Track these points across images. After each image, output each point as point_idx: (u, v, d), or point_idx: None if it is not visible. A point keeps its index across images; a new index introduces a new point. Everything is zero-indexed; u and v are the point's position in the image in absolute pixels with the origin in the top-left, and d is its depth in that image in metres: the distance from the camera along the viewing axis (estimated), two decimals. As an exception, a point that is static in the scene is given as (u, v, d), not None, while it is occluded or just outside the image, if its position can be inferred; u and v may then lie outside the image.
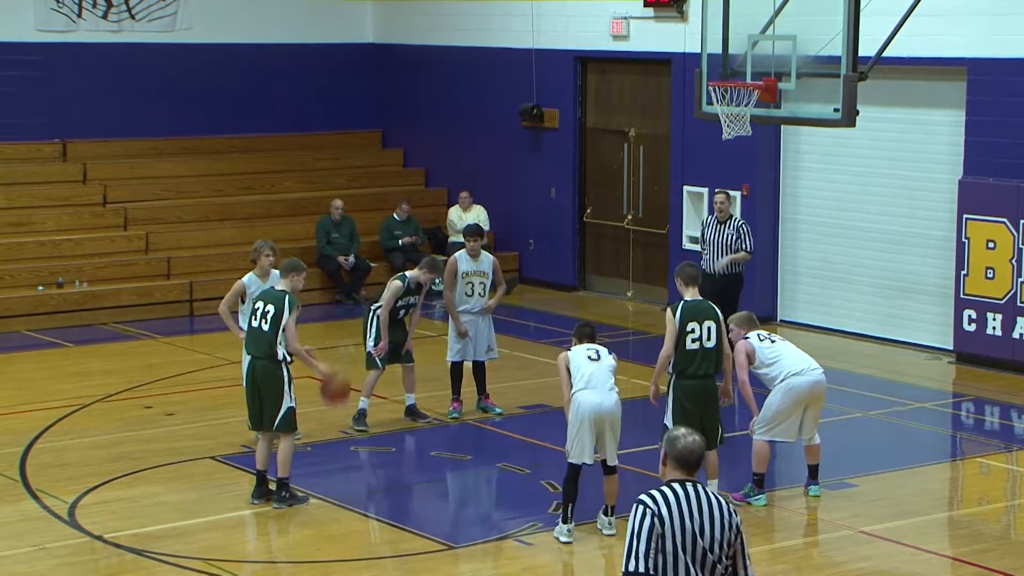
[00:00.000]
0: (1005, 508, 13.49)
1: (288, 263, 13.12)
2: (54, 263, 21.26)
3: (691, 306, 12.52)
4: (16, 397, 16.75)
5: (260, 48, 24.61)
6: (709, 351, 12.42)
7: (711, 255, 17.37)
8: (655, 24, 21.34)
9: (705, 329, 12.41)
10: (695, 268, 12.97)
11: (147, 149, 23.74)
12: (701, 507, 7.02)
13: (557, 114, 22.93)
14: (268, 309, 12.77)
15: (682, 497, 7.01)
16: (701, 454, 7.11)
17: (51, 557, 11.72)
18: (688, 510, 6.99)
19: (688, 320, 12.41)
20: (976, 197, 17.83)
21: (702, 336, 12.41)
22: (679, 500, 7.00)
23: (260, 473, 12.95)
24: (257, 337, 12.80)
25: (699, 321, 12.41)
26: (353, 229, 22.56)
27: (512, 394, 16.39)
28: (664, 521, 6.95)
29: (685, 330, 12.39)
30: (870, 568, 11.56)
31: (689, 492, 7.04)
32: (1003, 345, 17.70)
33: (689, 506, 7.00)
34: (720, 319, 12.55)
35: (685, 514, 6.98)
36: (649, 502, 6.99)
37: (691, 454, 7.09)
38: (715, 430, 12.49)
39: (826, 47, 14.48)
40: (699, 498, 7.04)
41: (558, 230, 23.11)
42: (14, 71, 22.70)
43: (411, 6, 25.05)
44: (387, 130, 25.82)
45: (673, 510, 6.97)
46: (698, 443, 7.11)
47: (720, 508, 7.06)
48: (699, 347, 12.40)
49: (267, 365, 12.76)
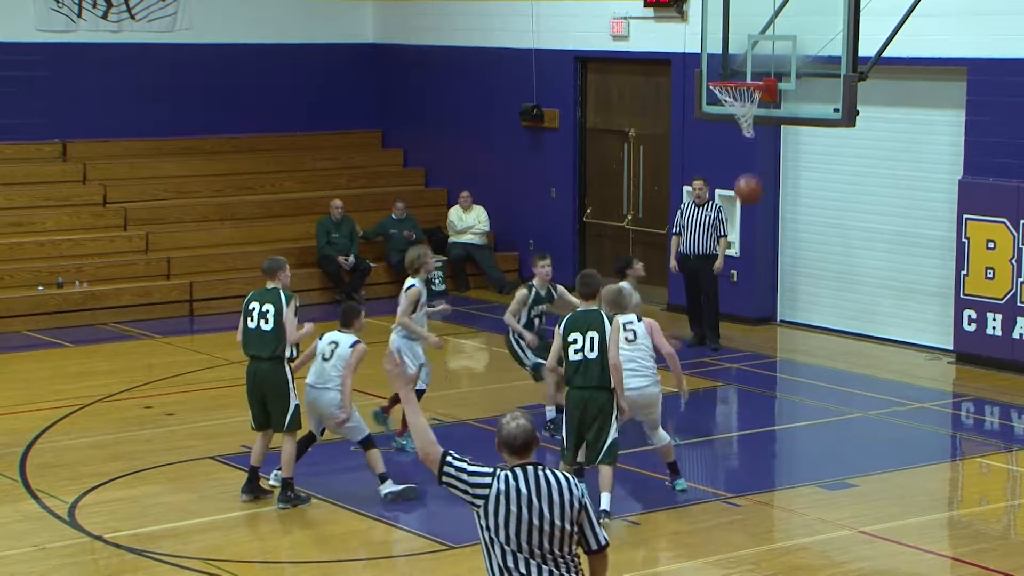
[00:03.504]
0: (1005, 508, 13.49)
1: (271, 263, 13.04)
2: (54, 263, 21.25)
3: (577, 316, 12.34)
4: (16, 397, 16.74)
5: (260, 48, 24.61)
6: (592, 362, 12.15)
7: (689, 238, 18.97)
8: (655, 24, 21.34)
9: (588, 340, 12.18)
10: (591, 278, 12.63)
11: (147, 149, 23.73)
12: (540, 490, 7.23)
13: (557, 114, 22.93)
14: (267, 308, 12.75)
15: (521, 481, 7.24)
16: (527, 438, 7.32)
17: (51, 557, 11.73)
18: (528, 493, 7.22)
19: (570, 331, 12.24)
20: (976, 197, 17.83)
21: (584, 347, 12.19)
22: (524, 482, 7.23)
23: (253, 469, 12.95)
24: (259, 337, 12.78)
25: (582, 332, 12.22)
26: (353, 229, 22.56)
27: (512, 394, 16.39)
28: (517, 502, 7.19)
29: (567, 340, 12.22)
30: (870, 568, 11.57)
31: (528, 475, 7.26)
32: (1003, 345, 17.70)
33: (528, 490, 7.23)
34: (606, 329, 12.17)
35: (524, 498, 7.21)
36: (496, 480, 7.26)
37: (515, 439, 7.33)
38: (602, 443, 12.19)
39: (826, 47, 14.48)
40: (538, 480, 7.25)
41: (558, 230, 23.10)
42: (14, 71, 22.68)
43: (411, 6, 25.05)
44: (387, 130, 25.81)
45: (524, 490, 7.21)
46: (523, 427, 7.32)
47: (561, 487, 7.26)
48: (581, 358, 12.19)
49: (270, 366, 12.75)
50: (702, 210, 18.93)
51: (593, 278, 12.68)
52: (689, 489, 13.14)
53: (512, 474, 7.27)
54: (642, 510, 12.79)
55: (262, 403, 12.88)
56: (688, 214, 19.01)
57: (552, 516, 7.22)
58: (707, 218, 18.89)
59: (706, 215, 18.90)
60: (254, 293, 13.07)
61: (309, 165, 24.80)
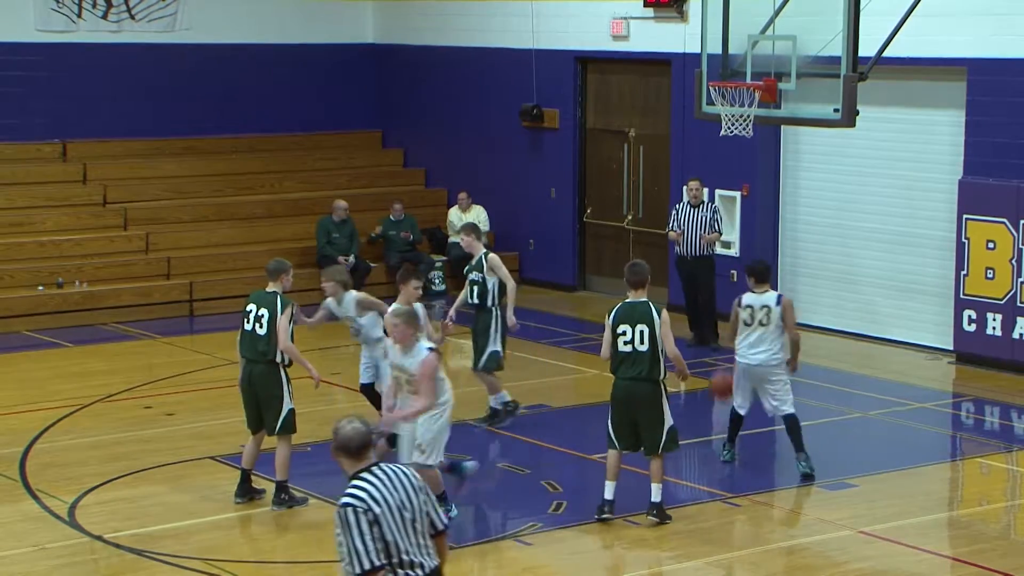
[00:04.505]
0: (1005, 508, 13.49)
1: (276, 265, 13.02)
2: (54, 263, 21.25)
3: (626, 308, 12.34)
4: (16, 397, 16.75)
5: (260, 48, 24.61)
6: (641, 354, 12.19)
7: (685, 239, 18.95)
8: (655, 24, 21.34)
9: (638, 332, 12.20)
10: (640, 268, 12.60)
11: (147, 149, 23.73)
12: (395, 484, 7.42)
13: (557, 114, 22.93)
14: (262, 312, 12.73)
15: (377, 482, 7.39)
16: (363, 440, 7.45)
17: (51, 557, 11.73)
18: (389, 489, 7.39)
19: (620, 323, 12.26)
20: (976, 197, 17.83)
21: (634, 339, 12.22)
22: (377, 485, 7.37)
23: (245, 472, 12.95)
24: (253, 341, 12.78)
25: (631, 324, 12.24)
26: (354, 230, 22.56)
27: (512, 394, 16.39)
28: (373, 509, 7.31)
29: (616, 332, 12.24)
30: (870, 568, 11.56)
31: (379, 474, 7.42)
32: (1003, 345, 17.70)
33: (387, 486, 7.39)
34: (656, 322, 12.20)
35: (388, 495, 7.37)
36: (354, 501, 7.34)
37: (351, 441, 7.46)
38: (659, 433, 12.25)
39: (826, 47, 14.49)
40: (391, 476, 7.44)
41: (558, 230, 23.11)
42: (14, 71, 22.69)
43: (411, 6, 25.05)
44: (387, 130, 25.81)
45: (377, 496, 7.34)
46: (357, 429, 7.44)
47: (409, 479, 7.52)
48: (631, 349, 12.22)
49: (264, 368, 12.74)
50: (698, 211, 18.94)
51: (643, 268, 12.64)
52: (686, 489, 13.15)
53: (366, 481, 7.39)
54: (642, 510, 12.78)
55: (256, 405, 12.87)
56: (683, 215, 19.01)
57: (418, 503, 7.46)
58: (703, 219, 18.89)
59: (702, 216, 18.91)
60: (254, 295, 13.05)
61: (309, 165, 24.80)
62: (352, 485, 7.41)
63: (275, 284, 12.92)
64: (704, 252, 18.93)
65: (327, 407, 15.93)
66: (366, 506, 7.32)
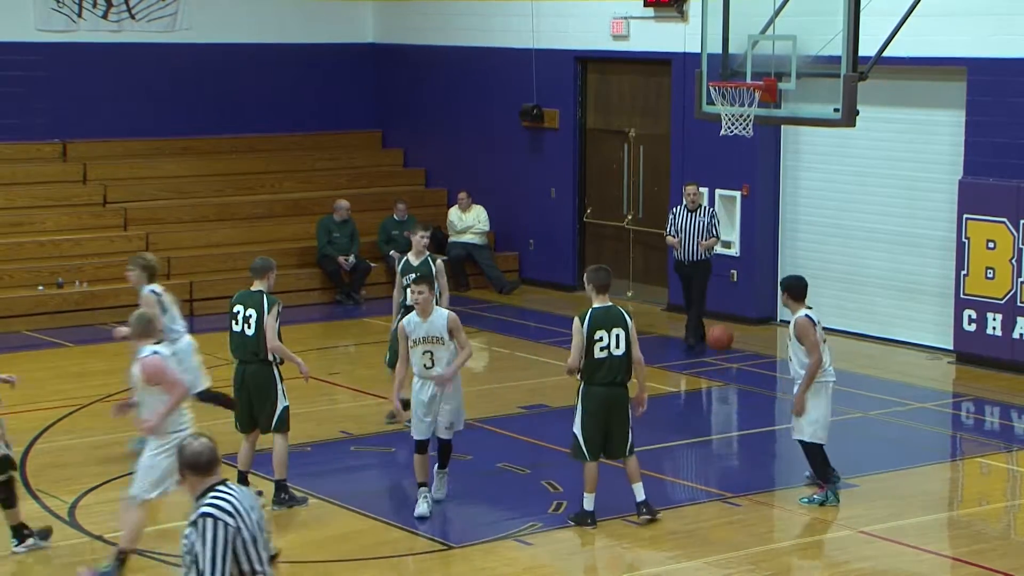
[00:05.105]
0: (1005, 508, 13.49)
1: (261, 263, 12.97)
2: (54, 263, 21.25)
3: (600, 313, 12.25)
4: (16, 397, 16.66)
5: (260, 48, 24.61)
6: (617, 359, 12.16)
7: (682, 244, 18.86)
8: (655, 24, 21.34)
9: (614, 337, 12.16)
10: (607, 274, 12.54)
11: (147, 149, 23.73)
12: (245, 499, 7.41)
13: (557, 114, 22.93)
14: (249, 313, 12.71)
15: (232, 497, 7.37)
16: (212, 456, 7.42)
17: (51, 557, 11.72)
18: (245, 504, 7.38)
19: (596, 328, 12.17)
20: (976, 197, 17.83)
21: (610, 344, 12.17)
22: (232, 500, 7.35)
23: (242, 474, 12.93)
24: (243, 341, 12.77)
25: (607, 329, 12.18)
26: (354, 229, 22.56)
27: (512, 394, 16.40)
28: (234, 523, 7.30)
29: (593, 338, 12.16)
30: (870, 568, 11.56)
31: (233, 490, 7.41)
32: (1003, 345, 17.70)
33: (242, 501, 7.39)
34: (629, 325, 12.20)
35: (245, 508, 7.36)
36: (216, 513, 7.31)
37: (200, 456, 7.42)
38: (627, 437, 12.31)
39: (826, 47, 14.48)
40: (242, 492, 7.45)
41: (558, 230, 23.11)
42: (14, 71, 22.69)
43: (411, 6, 25.04)
44: (387, 130, 25.81)
45: (237, 507, 7.33)
46: (205, 444, 7.42)
47: (253, 496, 7.58)
48: (607, 355, 12.16)
49: (257, 368, 12.74)
50: (695, 216, 18.87)
51: (608, 271, 12.63)
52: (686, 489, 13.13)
53: (224, 495, 7.39)
54: (642, 510, 12.79)
55: (249, 405, 12.86)
56: (681, 220, 18.95)
57: (260, 517, 7.48)
58: (700, 224, 18.84)
59: (699, 221, 18.85)
60: (239, 295, 13.01)
61: (309, 165, 24.80)
62: (212, 497, 7.35)
63: (260, 283, 12.87)
64: (702, 256, 18.91)
65: (328, 407, 15.93)
66: (225, 520, 7.30)
